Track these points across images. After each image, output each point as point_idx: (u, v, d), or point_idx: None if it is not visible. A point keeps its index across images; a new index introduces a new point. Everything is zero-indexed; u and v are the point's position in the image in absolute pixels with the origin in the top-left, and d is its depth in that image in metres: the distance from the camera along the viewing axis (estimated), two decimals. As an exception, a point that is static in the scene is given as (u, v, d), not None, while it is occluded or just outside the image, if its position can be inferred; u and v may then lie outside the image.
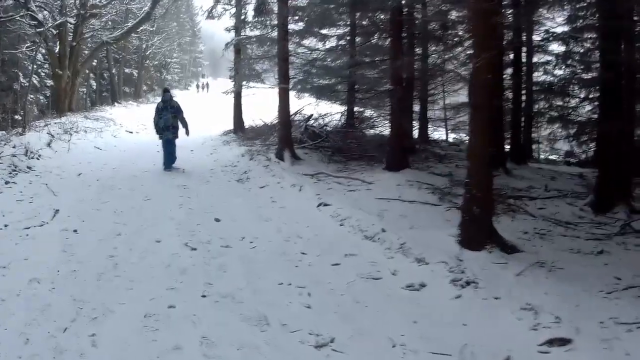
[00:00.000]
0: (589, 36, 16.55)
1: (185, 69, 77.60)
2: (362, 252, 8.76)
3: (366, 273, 7.89)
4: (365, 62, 21.92)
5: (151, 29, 44.73)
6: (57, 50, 28.63)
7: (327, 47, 23.19)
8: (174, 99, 16.93)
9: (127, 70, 48.56)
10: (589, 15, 16.25)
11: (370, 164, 16.15)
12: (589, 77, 17.37)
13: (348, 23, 21.27)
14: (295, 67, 23.22)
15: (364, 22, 21.03)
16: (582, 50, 17.59)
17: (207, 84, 73.88)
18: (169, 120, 15.74)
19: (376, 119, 23.87)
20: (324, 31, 21.88)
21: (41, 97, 32.92)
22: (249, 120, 25.97)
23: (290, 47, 19.86)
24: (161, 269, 7.78)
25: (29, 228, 9.39)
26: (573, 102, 18.83)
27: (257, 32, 22.24)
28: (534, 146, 22.22)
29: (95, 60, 40.14)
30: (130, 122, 30.86)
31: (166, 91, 16.88)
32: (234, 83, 25.10)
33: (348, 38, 22.19)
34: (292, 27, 19.87)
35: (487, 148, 8.89)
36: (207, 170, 16.33)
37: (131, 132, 26.56)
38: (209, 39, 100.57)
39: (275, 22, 20.02)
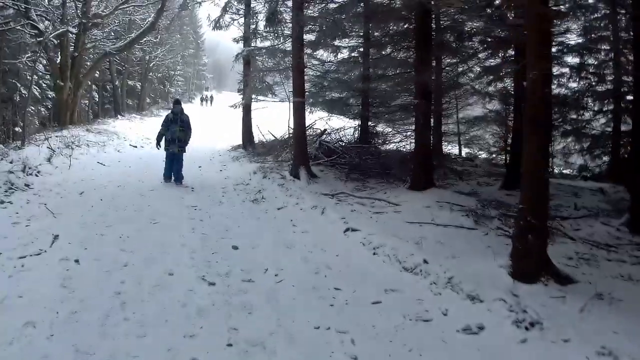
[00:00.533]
0: (604, 47, 16.30)
1: (188, 81, 76.60)
2: (404, 288, 7.74)
3: (413, 313, 6.89)
4: (380, 75, 21.06)
5: (155, 40, 43.79)
6: (58, 61, 27.60)
7: (340, 58, 22.17)
8: (185, 112, 15.88)
9: (130, 83, 47.54)
10: (603, 26, 15.78)
11: (390, 181, 15.34)
12: (603, 89, 17.18)
13: (361, 34, 20.38)
14: (307, 79, 22.28)
15: (377, 34, 20.21)
16: (596, 63, 17.32)
17: (212, 97, 73.52)
18: (176, 133, 15.12)
19: (391, 134, 22.85)
20: (336, 43, 20.82)
21: (42, 109, 31.82)
22: (257, 135, 24.95)
23: (302, 59, 19.02)
24: (176, 310, 6.71)
25: (24, 257, 8.26)
26: (587, 115, 18.39)
27: (267, 43, 21.16)
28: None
29: (98, 72, 39.03)
30: (134, 135, 29.82)
31: (177, 103, 16.05)
32: (242, 96, 24.04)
33: (361, 50, 21.33)
34: (304, 37, 18.91)
35: (545, 170, 7.88)
36: (218, 188, 15.22)
37: (135, 147, 25.44)
38: (212, 51, 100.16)
39: (288, 32, 19.01)
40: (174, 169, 15.25)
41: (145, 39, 37.96)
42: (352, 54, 22.30)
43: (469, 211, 11.45)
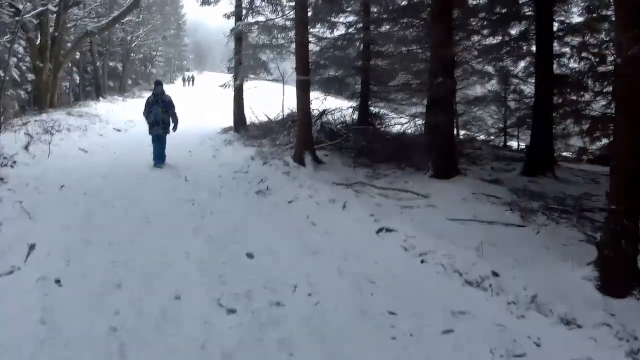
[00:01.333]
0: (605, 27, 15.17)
1: (170, 62, 74.41)
2: (476, 309, 6.08)
3: (501, 346, 5.26)
4: (381, 53, 19.40)
5: (137, 20, 41.64)
6: (38, 42, 25.64)
7: (336, 35, 20.45)
8: (166, 93, 15.32)
9: (111, 64, 45.34)
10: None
11: (402, 167, 13.85)
12: (604, 70, 15.86)
13: (360, 9, 18.71)
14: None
15: (374, 9, 18.65)
16: (596, 42, 16.11)
17: (193, 77, 71.52)
18: (158, 114, 14.62)
19: (391, 115, 21.19)
20: (333, 19, 19.11)
21: (22, 92, 29.83)
22: (250, 116, 23.03)
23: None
24: (194, 355, 4.94)
25: (-8, 279, 6.37)
26: (587, 96, 17.03)
27: (261, 18, 19.19)
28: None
29: (79, 53, 37.04)
30: (117, 118, 27.79)
31: (158, 84, 15.41)
32: (234, 75, 22.10)
33: (359, 26, 19.65)
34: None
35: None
36: (214, 177, 13.49)
37: (119, 130, 23.53)
38: (193, 33, 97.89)
39: (285, 5, 17.15)
40: (156, 152, 14.76)
41: (127, 17, 35.97)
42: (349, 30, 20.55)
43: (509, 204, 9.78)
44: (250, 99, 23.58)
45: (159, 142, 14.72)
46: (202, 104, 36.33)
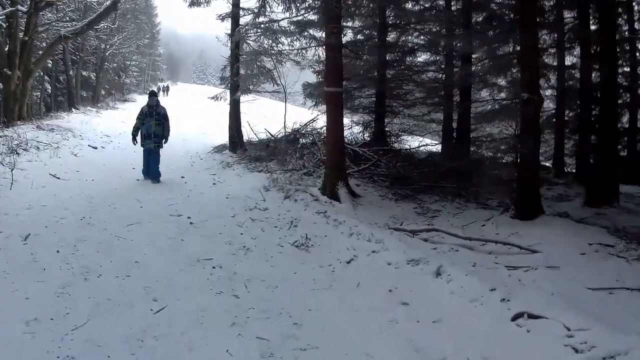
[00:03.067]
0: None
1: (144, 72, 70.50)
2: None
3: None
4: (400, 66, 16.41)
5: (112, 27, 38.01)
6: (7, 48, 22.40)
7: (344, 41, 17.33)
8: (161, 104, 14.09)
9: (85, 73, 41.58)
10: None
11: (448, 198, 11.65)
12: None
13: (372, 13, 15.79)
14: (301, 68, 17.45)
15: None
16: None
17: (168, 87, 68.18)
18: (151, 127, 13.47)
19: (411, 134, 18.15)
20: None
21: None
22: (247, 133, 19.61)
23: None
24: None
25: None
26: None
27: (263, 19, 15.87)
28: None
29: (51, 61, 33.38)
30: (92, 132, 24.15)
31: (153, 95, 14.16)
32: (229, 86, 18.76)
33: (367, 32, 17.01)
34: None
35: None
36: (226, 217, 10.22)
37: (95, 148, 19.82)
38: (166, 43, 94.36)
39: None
40: (151, 167, 13.64)
41: (103, 23, 32.50)
42: (358, 37, 17.41)
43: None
44: (244, 113, 20.19)
45: (151, 157, 13.60)
46: (185, 117, 32.66)
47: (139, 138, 13.64)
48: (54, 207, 10.18)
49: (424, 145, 17.39)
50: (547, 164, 17.46)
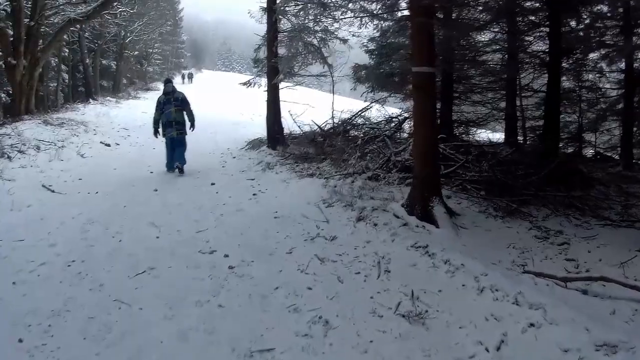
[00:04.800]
0: None
1: (167, 60, 67.32)
2: None
3: None
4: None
5: (131, 11, 34.70)
6: (11, 35, 19.47)
7: (397, 17, 13.99)
8: (178, 90, 12.87)
9: (104, 62, 38.55)
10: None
11: (560, 211, 8.45)
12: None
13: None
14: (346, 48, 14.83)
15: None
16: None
17: (191, 74, 66.30)
18: (171, 114, 12.27)
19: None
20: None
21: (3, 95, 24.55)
22: (288, 125, 16.18)
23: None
24: None
25: None
26: None
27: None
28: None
29: (67, 50, 30.36)
30: (108, 125, 20.89)
31: (168, 82, 13.28)
32: (266, 70, 15.35)
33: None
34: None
35: None
36: (281, 255, 6.98)
37: (108, 145, 16.51)
38: (189, 30, 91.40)
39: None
40: (176, 154, 12.32)
41: (120, 7, 29.30)
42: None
43: None
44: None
45: (175, 147, 12.31)
46: (212, 106, 29.21)
47: (160, 130, 12.40)
48: (35, 243, 7.03)
49: (486, 142, 13.96)
50: (610, 154, 14.06)
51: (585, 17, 12.81)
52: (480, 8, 11.70)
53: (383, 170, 10.40)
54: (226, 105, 31.89)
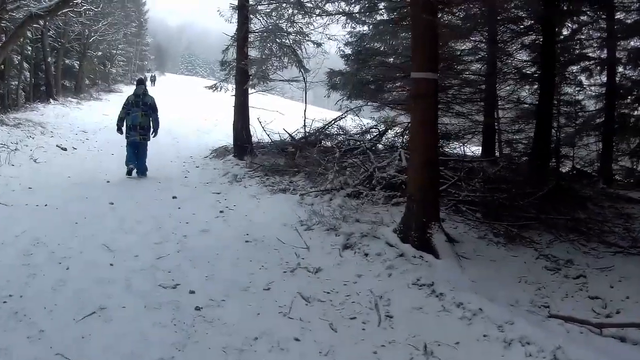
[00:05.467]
0: None
1: (130, 62, 65.08)
2: None
3: None
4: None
5: (96, 10, 32.99)
6: None
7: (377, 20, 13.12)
8: (149, 94, 12.22)
9: (67, 62, 36.52)
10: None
11: (562, 236, 7.25)
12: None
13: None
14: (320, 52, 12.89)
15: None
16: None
17: (155, 76, 63.83)
18: (137, 118, 11.67)
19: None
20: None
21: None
22: (256, 133, 14.83)
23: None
24: None
25: None
26: None
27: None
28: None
29: (30, 47, 28.40)
30: (67, 127, 19.34)
31: (140, 83, 12.28)
32: (232, 72, 14.05)
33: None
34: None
35: None
36: (258, 292, 5.70)
37: (65, 149, 14.98)
38: (154, 33, 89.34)
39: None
40: (138, 163, 11.64)
41: (84, 6, 27.50)
42: (393, 15, 12.78)
43: None
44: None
45: (137, 151, 11.71)
46: (175, 111, 27.64)
47: (124, 129, 11.86)
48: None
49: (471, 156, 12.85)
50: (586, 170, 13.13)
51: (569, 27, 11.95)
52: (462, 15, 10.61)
53: (365, 187, 9.19)
54: (189, 110, 30.37)
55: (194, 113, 28.89)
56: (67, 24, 32.08)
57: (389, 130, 13.20)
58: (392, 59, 13.69)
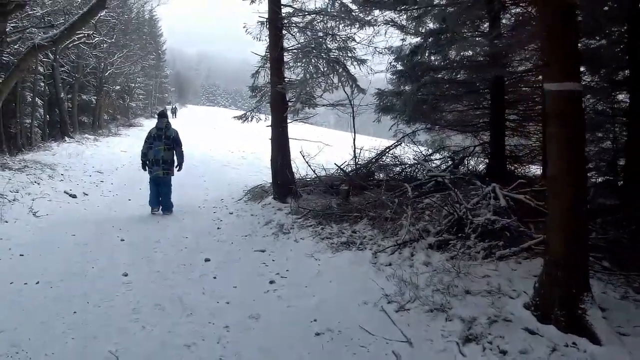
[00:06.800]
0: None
1: (150, 95, 63.62)
2: None
3: None
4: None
5: (110, 41, 31.37)
6: None
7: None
8: (172, 127, 11.54)
9: (84, 97, 34.75)
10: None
11: None
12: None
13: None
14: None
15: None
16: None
17: (175, 108, 63.63)
18: (160, 152, 11.10)
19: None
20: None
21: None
22: (298, 168, 12.54)
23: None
24: None
25: None
26: None
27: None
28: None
29: (43, 83, 26.98)
30: (80, 169, 17.30)
31: (162, 116, 11.65)
32: (266, 98, 11.93)
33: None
34: None
35: None
36: None
37: (74, 197, 12.85)
38: (172, 64, 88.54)
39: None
40: (162, 200, 11.14)
41: (95, 37, 25.93)
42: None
43: None
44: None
45: (159, 186, 11.08)
46: (197, 143, 25.62)
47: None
48: None
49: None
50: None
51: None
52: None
53: (452, 235, 6.91)
54: (213, 142, 28.38)
55: (218, 145, 26.83)
56: (81, 57, 30.60)
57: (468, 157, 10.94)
58: (453, 75, 11.46)
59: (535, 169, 11.77)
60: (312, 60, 10.32)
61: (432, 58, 11.65)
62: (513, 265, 5.90)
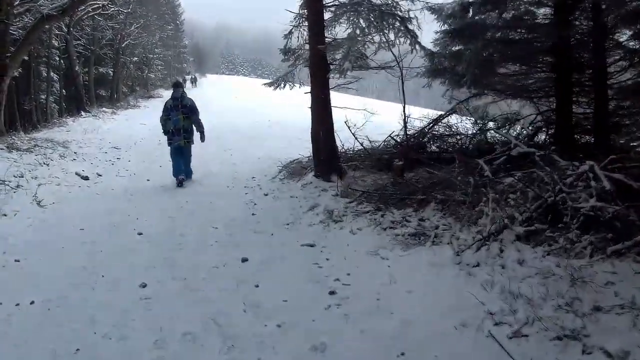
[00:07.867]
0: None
1: (169, 65, 62.58)
2: None
3: None
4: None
5: (126, 11, 30.05)
6: None
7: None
8: (187, 96, 11.33)
9: (101, 70, 33.70)
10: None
11: None
12: None
13: None
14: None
15: None
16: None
17: (195, 78, 62.42)
18: (179, 122, 10.95)
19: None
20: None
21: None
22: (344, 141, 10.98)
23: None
24: None
25: None
26: None
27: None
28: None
29: (58, 57, 26.54)
30: (95, 145, 15.92)
31: (177, 86, 11.58)
32: (302, 62, 10.37)
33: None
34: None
35: None
36: None
37: (86, 179, 11.44)
38: (190, 34, 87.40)
39: None
40: (183, 164, 10.95)
41: (112, 8, 24.82)
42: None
43: None
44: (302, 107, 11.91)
45: (180, 156, 10.94)
46: (219, 113, 24.11)
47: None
48: None
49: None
50: None
51: None
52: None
53: (544, 224, 5.37)
54: (236, 112, 26.89)
55: (242, 115, 25.30)
56: (97, 29, 29.91)
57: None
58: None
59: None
60: (363, 14, 8.70)
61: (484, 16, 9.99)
62: (634, 264, 4.38)
